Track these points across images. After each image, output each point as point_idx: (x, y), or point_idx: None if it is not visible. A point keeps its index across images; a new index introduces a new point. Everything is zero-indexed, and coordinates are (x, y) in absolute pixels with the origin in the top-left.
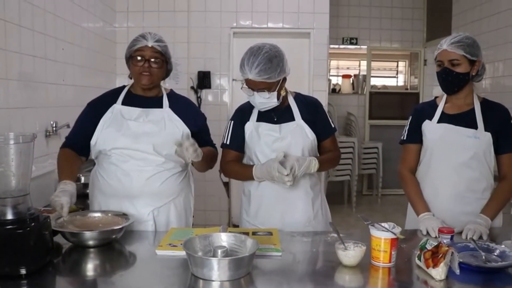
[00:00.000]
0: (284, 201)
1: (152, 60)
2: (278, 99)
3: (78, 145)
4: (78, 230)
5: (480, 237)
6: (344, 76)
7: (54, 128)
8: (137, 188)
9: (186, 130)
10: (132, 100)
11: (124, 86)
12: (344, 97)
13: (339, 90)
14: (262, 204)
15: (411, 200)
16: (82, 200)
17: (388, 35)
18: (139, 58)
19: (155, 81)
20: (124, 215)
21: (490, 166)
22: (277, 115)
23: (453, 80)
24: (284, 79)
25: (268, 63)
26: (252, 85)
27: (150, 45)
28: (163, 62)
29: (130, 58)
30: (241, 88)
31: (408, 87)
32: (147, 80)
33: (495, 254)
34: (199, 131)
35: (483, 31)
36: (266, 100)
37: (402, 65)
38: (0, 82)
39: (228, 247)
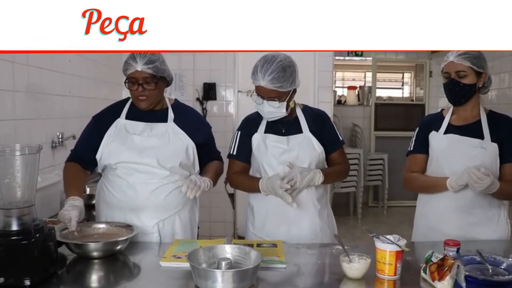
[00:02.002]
0: (290, 213)
1: (145, 83)
2: (286, 110)
3: (83, 158)
4: (83, 241)
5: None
6: (350, 88)
7: (60, 140)
8: (142, 201)
9: (190, 143)
10: (136, 113)
11: (128, 98)
12: (350, 109)
13: (345, 101)
14: (268, 216)
15: (429, 184)
16: (87, 211)
17: None
18: (132, 82)
19: (153, 102)
20: (128, 227)
21: (496, 177)
22: (285, 127)
23: (460, 91)
24: (294, 91)
25: (281, 72)
26: (263, 93)
27: (139, 69)
28: (157, 82)
29: (126, 80)
30: (250, 96)
31: (414, 99)
32: (145, 104)
33: (502, 267)
34: (205, 142)
35: None
36: (275, 110)
37: (407, 76)
38: (7, 93)
39: (232, 259)
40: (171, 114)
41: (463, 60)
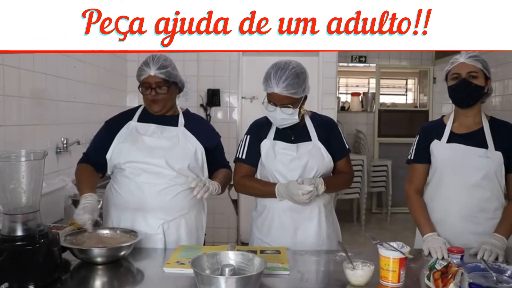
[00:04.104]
0: (297, 219)
1: (158, 87)
2: (299, 116)
3: (95, 161)
4: (87, 246)
5: (496, 259)
6: (353, 94)
7: (64, 145)
8: (148, 201)
9: (199, 146)
10: (148, 118)
11: (140, 105)
12: (353, 115)
13: (348, 107)
14: (275, 222)
15: (416, 220)
16: None
17: (397, 53)
18: (146, 87)
19: (166, 106)
20: (132, 232)
21: (501, 186)
22: (294, 134)
23: (471, 91)
24: (306, 97)
25: (295, 78)
26: (276, 100)
27: (152, 74)
28: (169, 86)
29: (140, 85)
30: (262, 103)
31: (418, 105)
32: (157, 107)
33: (507, 274)
34: (213, 148)
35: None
36: (288, 116)
37: (411, 82)
38: (13, 99)
39: (235, 266)
40: (181, 120)
41: (475, 61)
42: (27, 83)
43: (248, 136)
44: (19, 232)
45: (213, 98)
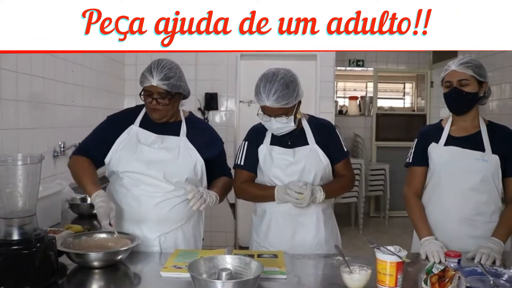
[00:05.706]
0: (295, 223)
1: (159, 98)
2: (295, 122)
3: (92, 154)
4: (83, 251)
5: (493, 263)
6: (351, 98)
7: (62, 149)
8: (145, 213)
9: (199, 159)
10: (150, 123)
11: (142, 106)
12: (351, 119)
13: (346, 111)
14: (273, 226)
15: (414, 224)
16: (89, 220)
17: (394, 57)
18: (147, 94)
19: (167, 115)
20: (130, 236)
21: (498, 189)
22: (291, 139)
23: (462, 100)
24: (299, 102)
25: (285, 89)
26: (269, 112)
27: (154, 84)
28: (171, 97)
29: (142, 92)
30: (257, 115)
31: (415, 109)
32: (157, 115)
33: (504, 279)
34: (215, 158)
35: (490, 53)
36: (284, 125)
37: (408, 86)
38: (11, 103)
39: (232, 270)
40: (183, 128)
41: (465, 69)
42: (24, 86)
43: (246, 142)
44: (16, 236)
45: (210, 102)
